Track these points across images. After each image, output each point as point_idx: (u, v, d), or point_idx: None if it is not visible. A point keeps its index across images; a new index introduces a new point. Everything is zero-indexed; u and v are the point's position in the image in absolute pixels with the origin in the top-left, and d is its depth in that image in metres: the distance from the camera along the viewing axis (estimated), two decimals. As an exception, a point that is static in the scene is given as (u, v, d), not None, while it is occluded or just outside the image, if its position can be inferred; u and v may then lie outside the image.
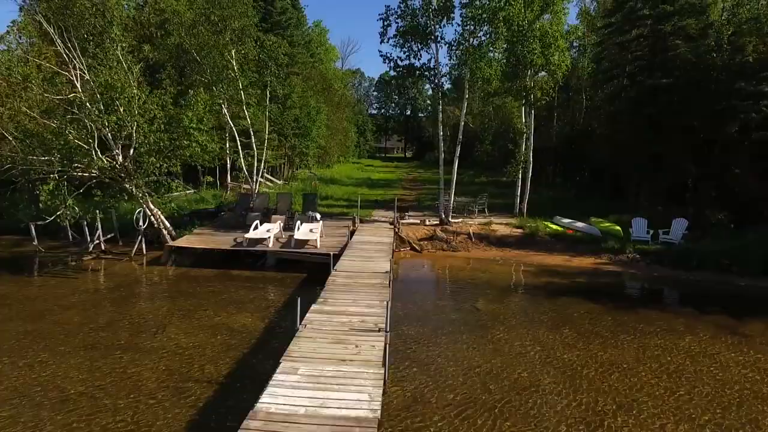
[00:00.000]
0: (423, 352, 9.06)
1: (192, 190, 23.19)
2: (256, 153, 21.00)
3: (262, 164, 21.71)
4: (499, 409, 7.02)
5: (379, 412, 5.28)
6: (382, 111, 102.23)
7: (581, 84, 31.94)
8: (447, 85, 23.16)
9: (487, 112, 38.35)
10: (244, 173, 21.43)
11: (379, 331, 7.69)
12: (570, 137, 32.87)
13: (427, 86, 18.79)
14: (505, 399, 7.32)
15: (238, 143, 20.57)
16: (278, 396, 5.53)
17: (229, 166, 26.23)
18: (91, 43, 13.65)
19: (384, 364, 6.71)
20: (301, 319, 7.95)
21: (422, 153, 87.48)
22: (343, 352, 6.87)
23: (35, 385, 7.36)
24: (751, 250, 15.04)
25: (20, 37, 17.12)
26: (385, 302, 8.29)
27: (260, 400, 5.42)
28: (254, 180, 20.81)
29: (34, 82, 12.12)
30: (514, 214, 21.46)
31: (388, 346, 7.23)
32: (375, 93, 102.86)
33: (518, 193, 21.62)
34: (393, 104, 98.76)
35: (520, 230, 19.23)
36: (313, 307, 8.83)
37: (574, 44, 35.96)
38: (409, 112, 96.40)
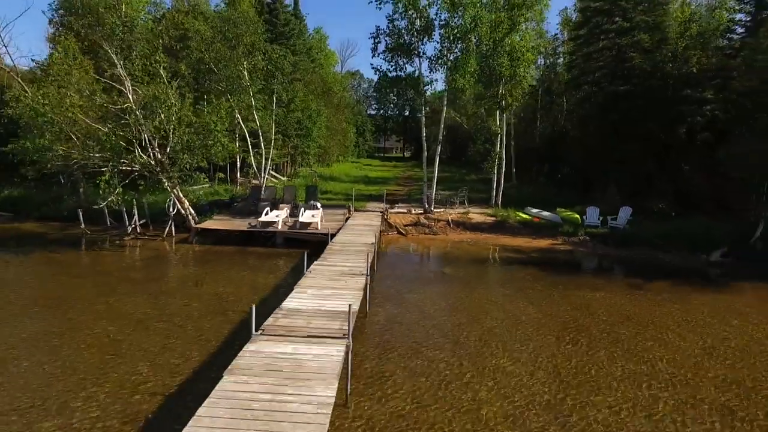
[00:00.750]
0: (397, 293, 12.48)
1: (208, 184, 26.59)
2: (263, 151, 24.45)
3: (269, 161, 25.17)
4: (446, 323, 10.45)
5: (357, 307, 8.69)
6: (381, 112, 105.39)
7: (561, 88, 35.32)
8: (429, 91, 26.12)
9: (480, 113, 41.58)
10: (254, 169, 24.89)
11: (362, 275, 11.07)
12: (552, 138, 36.16)
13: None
14: (451, 317, 10.74)
15: (249, 143, 24.04)
16: (293, 300, 8.95)
17: (239, 163, 29.65)
18: (135, 60, 17.07)
19: (365, 292, 10.11)
20: (307, 269, 11.34)
21: (421, 153, 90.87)
22: (336, 284, 10.25)
23: (123, 314, 10.80)
24: (678, 233, 18.43)
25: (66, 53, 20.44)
26: (368, 260, 11.68)
27: (283, 303, 8.83)
28: (262, 175, 24.26)
29: (97, 94, 15.58)
30: (490, 205, 24.85)
31: (368, 284, 10.63)
32: (374, 94, 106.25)
33: (494, 187, 25.04)
34: (391, 105, 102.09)
35: (493, 218, 22.63)
36: (315, 262, 12.22)
37: (558, 50, 39.48)
38: (407, 113, 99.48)
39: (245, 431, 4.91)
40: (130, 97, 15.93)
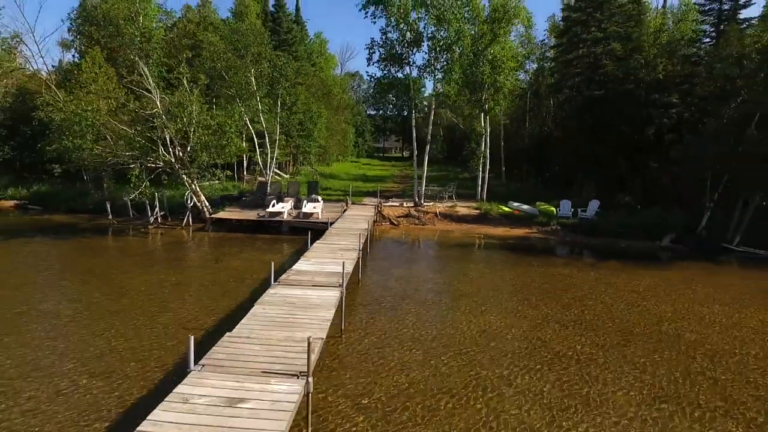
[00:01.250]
0: (385, 269, 15.12)
1: (219, 180, 29.27)
2: (269, 151, 27.08)
3: (273, 160, 27.81)
4: (423, 288, 13.08)
5: (351, 269, 11.32)
6: (380, 112, 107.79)
7: (547, 92, 37.92)
8: (421, 95, 28.69)
9: (476, 114, 44.12)
10: (260, 167, 27.51)
11: (355, 250, 13.68)
12: (539, 139, 38.73)
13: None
14: (429, 284, 13.39)
15: (256, 143, 26.68)
16: (301, 264, 11.60)
17: (245, 162, 32.28)
18: (152, 67, 19.74)
19: (358, 261, 12.73)
20: (310, 246, 13.95)
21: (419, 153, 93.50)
22: (334, 256, 12.86)
23: (160, 281, 13.44)
24: (637, 223, 21.04)
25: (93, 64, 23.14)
26: (360, 240, 14.29)
27: (293, 266, 11.45)
28: (268, 172, 26.89)
29: (130, 100, 18.26)
30: (476, 200, 27.46)
31: (360, 258, 13.24)
32: (373, 94, 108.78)
33: (479, 183, 27.66)
34: (390, 105, 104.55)
35: (477, 211, 25.23)
36: (317, 241, 14.84)
37: (546, 54, 42.04)
38: (405, 113, 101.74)
39: (272, 330, 7.53)
40: (158, 103, 18.57)
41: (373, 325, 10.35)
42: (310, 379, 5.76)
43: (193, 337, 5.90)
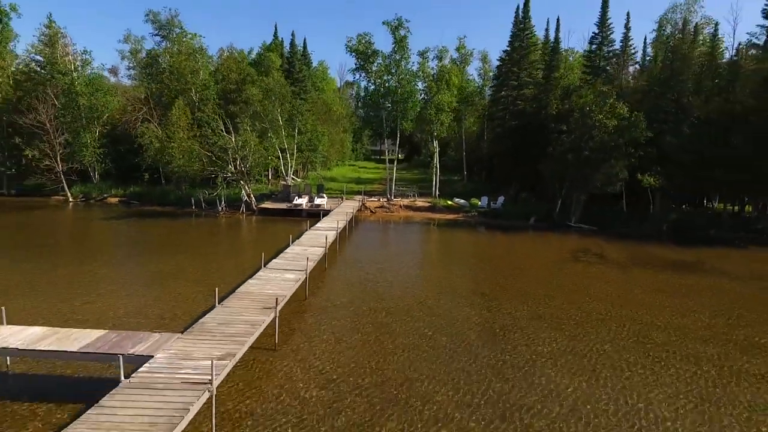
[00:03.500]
0: (363, 233, 29.11)
1: (260, 184, 43.33)
2: (288, 162, 41.04)
3: (291, 168, 41.78)
4: (382, 246, 27.16)
5: (341, 228, 25.34)
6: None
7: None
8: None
9: (454, 126, 57.77)
10: (282, 174, 41.50)
11: (344, 221, 27.62)
12: (490, 151, 52.52)
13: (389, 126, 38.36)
14: (386, 244, 27.48)
15: (280, 157, 40.67)
16: (314, 228, 25.61)
17: (271, 171, 46.30)
18: (207, 110, 33.89)
19: (345, 225, 26.74)
20: (321, 220, 27.89)
21: (412, 157, 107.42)
22: (332, 224, 26.74)
23: (232, 241, 27.55)
24: (522, 210, 34.91)
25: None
26: (346, 220, 28.23)
27: (307, 230, 25.47)
28: (288, 178, 40.88)
29: (217, 137, 32.35)
30: (431, 196, 41.39)
31: (350, 222, 27.22)
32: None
33: (434, 184, 41.57)
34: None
35: (429, 203, 39.15)
36: (323, 219, 28.82)
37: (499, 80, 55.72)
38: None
39: (308, 247, 21.46)
40: (233, 139, 32.59)
41: (357, 249, 24.26)
42: (308, 270, 19.70)
43: (264, 252, 19.82)
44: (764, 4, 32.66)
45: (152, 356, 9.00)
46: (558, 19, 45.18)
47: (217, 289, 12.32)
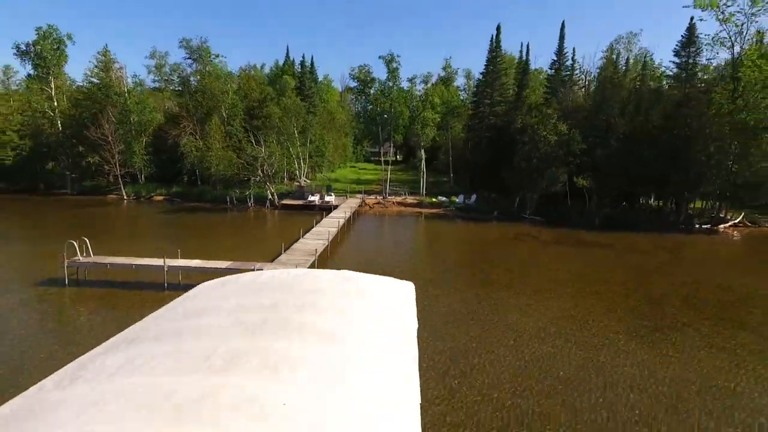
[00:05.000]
0: (364, 223, 39.14)
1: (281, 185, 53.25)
2: (301, 166, 50.97)
3: (304, 172, 51.70)
4: (380, 230, 37.24)
5: (346, 218, 35.32)
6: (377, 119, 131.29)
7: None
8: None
9: (443, 134, 67.56)
10: (297, 176, 51.45)
11: (349, 214, 37.58)
12: (472, 158, 62.41)
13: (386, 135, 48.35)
14: (383, 229, 37.56)
15: (295, 162, 50.61)
16: (327, 218, 35.58)
17: (287, 174, 56.27)
18: (235, 125, 43.91)
19: (350, 217, 36.73)
20: (330, 213, 37.83)
21: (409, 158, 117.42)
22: (340, 215, 36.71)
23: (260, 228, 37.64)
24: (487, 205, 44.89)
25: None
26: (351, 212, 38.19)
27: (322, 221, 35.45)
28: (302, 180, 50.84)
29: (248, 148, 42.25)
30: (419, 195, 51.34)
31: (353, 215, 37.18)
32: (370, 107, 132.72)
33: (422, 185, 51.52)
34: (386, 115, 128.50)
35: (417, 200, 49.11)
36: (332, 212, 38.78)
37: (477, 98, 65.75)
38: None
39: (327, 228, 31.42)
40: (263, 149, 42.53)
41: (359, 233, 34.22)
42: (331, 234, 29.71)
43: (283, 243, 29.78)
44: (676, 43, 42.56)
45: (262, 269, 18.94)
46: (528, 45, 55.45)
47: (282, 244, 22.25)
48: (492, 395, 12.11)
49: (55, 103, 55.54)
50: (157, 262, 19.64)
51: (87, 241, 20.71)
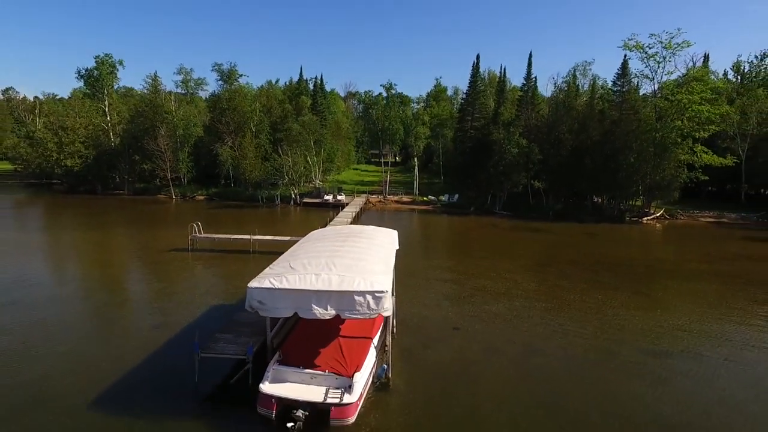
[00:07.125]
0: (369, 215, 51.77)
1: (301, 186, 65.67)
2: (316, 171, 63.41)
3: (318, 176, 64.17)
4: (382, 220, 49.97)
5: (357, 211, 47.91)
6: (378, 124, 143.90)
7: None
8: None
9: (436, 142, 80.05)
10: (313, 179, 63.93)
11: (359, 210, 50.06)
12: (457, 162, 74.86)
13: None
14: (384, 220, 50.29)
15: (311, 168, 63.07)
16: (340, 215, 48.18)
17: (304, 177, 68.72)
18: (262, 136, 56.52)
19: (359, 212, 49.31)
20: (341, 210, 50.30)
21: (407, 160, 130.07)
22: (350, 210, 49.15)
23: (288, 221, 50.28)
24: (468, 202, 57.41)
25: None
26: (359, 208, 50.70)
27: (336, 218, 48.01)
28: (316, 182, 63.30)
29: (279, 159, 54.71)
30: (413, 194, 63.83)
31: (361, 210, 49.75)
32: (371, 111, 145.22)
33: (415, 186, 64.00)
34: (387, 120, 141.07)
35: (411, 199, 61.61)
36: (344, 209, 51.29)
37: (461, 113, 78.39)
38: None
39: (344, 223, 43.96)
40: (289, 160, 54.95)
41: (366, 223, 46.75)
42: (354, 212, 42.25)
43: (325, 219, 42.26)
44: (614, 74, 55.05)
45: (311, 241, 31.42)
46: (504, 67, 67.75)
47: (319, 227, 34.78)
48: (448, 295, 24.57)
49: (108, 118, 68.10)
50: (245, 236, 32.01)
51: (199, 224, 33.12)
